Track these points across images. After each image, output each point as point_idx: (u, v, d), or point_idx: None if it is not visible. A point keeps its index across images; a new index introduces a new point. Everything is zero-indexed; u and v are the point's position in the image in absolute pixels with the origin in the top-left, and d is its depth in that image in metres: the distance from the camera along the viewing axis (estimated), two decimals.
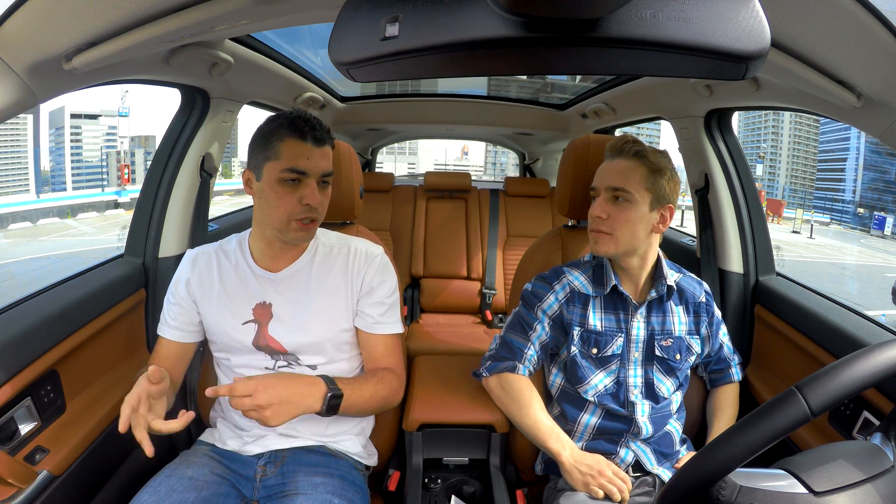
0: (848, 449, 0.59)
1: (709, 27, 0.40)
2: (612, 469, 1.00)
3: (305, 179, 0.94)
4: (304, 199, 0.94)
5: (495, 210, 2.76)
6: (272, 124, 0.95)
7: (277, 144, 0.93)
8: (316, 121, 0.96)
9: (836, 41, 0.76)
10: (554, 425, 1.05)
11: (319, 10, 0.85)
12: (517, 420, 1.08)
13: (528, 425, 1.05)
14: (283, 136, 0.93)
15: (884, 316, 2.60)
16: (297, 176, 0.93)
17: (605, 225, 1.02)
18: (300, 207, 0.94)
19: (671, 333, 1.08)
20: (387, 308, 1.07)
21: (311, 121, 0.95)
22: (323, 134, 0.96)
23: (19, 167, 55.29)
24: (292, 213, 0.94)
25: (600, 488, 0.98)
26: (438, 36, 0.42)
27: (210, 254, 1.06)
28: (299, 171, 0.93)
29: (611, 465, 1.01)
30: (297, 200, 0.94)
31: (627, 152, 1.02)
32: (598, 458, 1.02)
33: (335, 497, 0.92)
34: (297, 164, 0.93)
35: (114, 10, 0.74)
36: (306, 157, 0.93)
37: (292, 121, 0.94)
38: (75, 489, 1.01)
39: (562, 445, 1.02)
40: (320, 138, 0.95)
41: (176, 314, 1.04)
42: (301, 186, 0.94)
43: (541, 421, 1.05)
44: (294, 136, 0.93)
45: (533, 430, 1.05)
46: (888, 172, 63.24)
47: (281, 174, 0.93)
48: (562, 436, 1.04)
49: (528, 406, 1.06)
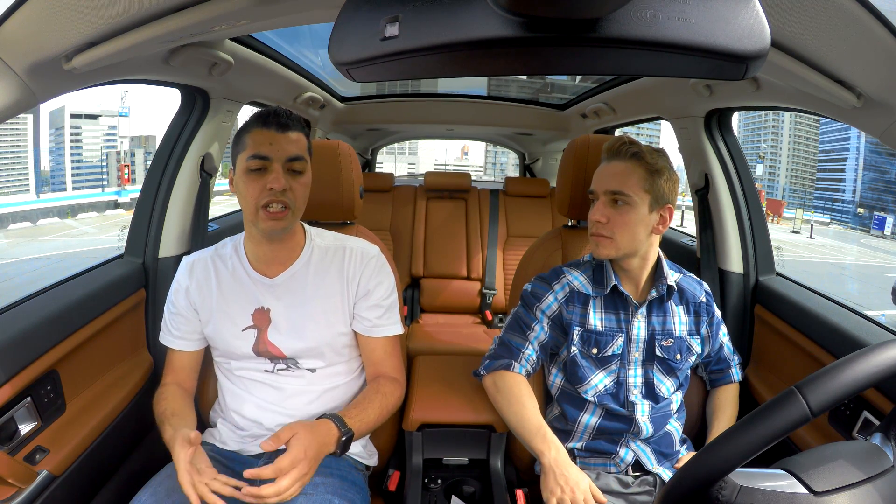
0: (848, 449, 0.59)
1: (709, 27, 0.40)
2: (590, 495, 0.92)
3: (270, 165, 0.94)
4: (269, 183, 0.93)
5: (495, 210, 2.76)
6: (245, 121, 0.99)
7: (245, 136, 0.96)
8: (282, 110, 0.98)
9: (836, 41, 0.76)
10: (542, 425, 1.01)
11: (319, 10, 0.85)
12: (505, 416, 1.06)
13: (515, 423, 1.03)
14: (250, 128, 0.96)
15: (884, 316, 2.61)
16: (262, 163, 0.94)
17: (604, 229, 1.02)
18: (266, 193, 0.94)
19: (671, 333, 1.08)
20: (384, 310, 1.07)
21: (278, 110, 0.97)
22: (288, 120, 0.97)
23: (19, 167, 55.29)
24: (259, 199, 0.94)
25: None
26: (438, 36, 0.42)
27: (206, 260, 1.06)
28: (262, 157, 0.94)
29: (591, 492, 0.93)
30: (262, 187, 0.94)
31: (624, 154, 1.02)
32: (584, 476, 0.95)
33: (335, 497, 0.92)
34: (259, 150, 0.94)
35: (114, 10, 0.74)
36: (269, 142, 0.94)
37: (259, 113, 0.97)
38: (75, 489, 1.01)
39: (547, 446, 0.97)
40: (284, 124, 0.96)
41: (179, 324, 1.05)
42: (266, 173, 0.94)
43: (527, 419, 1.02)
44: (258, 125, 0.95)
45: (519, 427, 1.02)
46: (888, 172, 63.25)
47: (247, 163, 0.94)
48: (549, 436, 0.99)
49: (516, 402, 1.04)
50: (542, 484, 0.96)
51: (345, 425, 0.93)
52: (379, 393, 1.03)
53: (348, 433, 0.93)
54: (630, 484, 1.05)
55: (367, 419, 0.98)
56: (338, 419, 0.94)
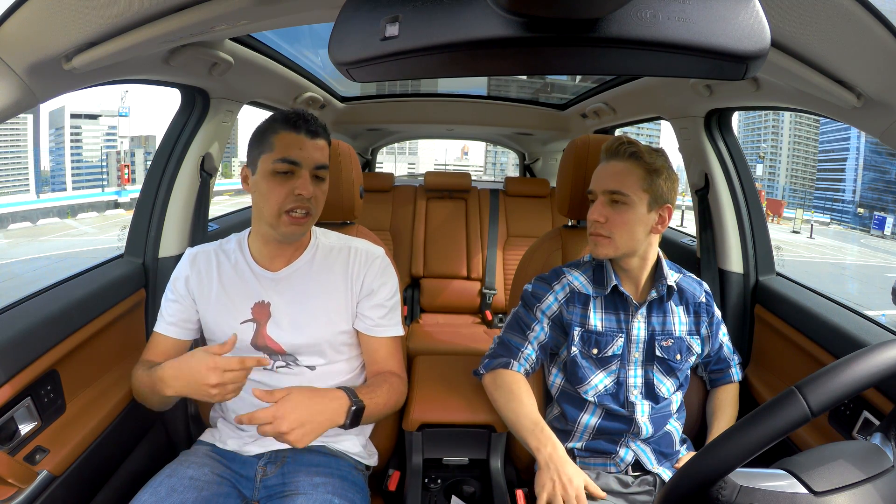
0: (848, 449, 0.59)
1: (709, 27, 0.40)
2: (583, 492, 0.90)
3: (298, 171, 0.95)
4: (297, 189, 0.94)
5: (495, 210, 2.76)
6: (268, 121, 0.98)
7: (272, 137, 0.95)
8: (311, 116, 0.98)
9: (836, 41, 0.76)
10: (539, 421, 0.99)
11: (319, 10, 0.85)
12: (503, 413, 1.05)
13: (512, 419, 1.02)
14: (277, 130, 0.95)
15: (884, 316, 2.61)
16: (290, 167, 0.94)
17: (603, 228, 1.02)
18: (292, 198, 0.94)
19: (671, 334, 1.08)
20: (387, 311, 1.07)
21: (306, 115, 0.97)
22: (317, 127, 0.97)
23: (19, 167, 55.30)
24: (283, 204, 0.94)
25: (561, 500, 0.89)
26: (438, 36, 0.42)
27: (209, 253, 1.06)
28: (292, 161, 0.94)
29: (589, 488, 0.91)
30: (289, 191, 0.94)
31: (623, 154, 1.02)
32: (579, 473, 0.92)
33: (335, 497, 0.92)
34: (289, 154, 0.94)
35: (114, 10, 0.74)
36: (299, 147, 0.94)
37: (287, 115, 0.96)
38: (75, 489, 1.01)
39: (543, 442, 0.95)
40: (314, 130, 0.96)
41: (174, 311, 1.04)
42: (294, 178, 0.95)
43: (524, 415, 1.00)
44: (287, 128, 0.95)
45: (516, 423, 1.01)
46: (888, 172, 63.25)
47: (274, 165, 0.94)
48: (546, 432, 0.97)
49: (514, 399, 1.03)
50: (535, 479, 0.94)
51: (356, 395, 0.92)
52: (386, 382, 1.02)
53: (359, 403, 0.91)
54: (630, 484, 1.05)
55: (377, 401, 0.97)
56: (349, 389, 0.93)
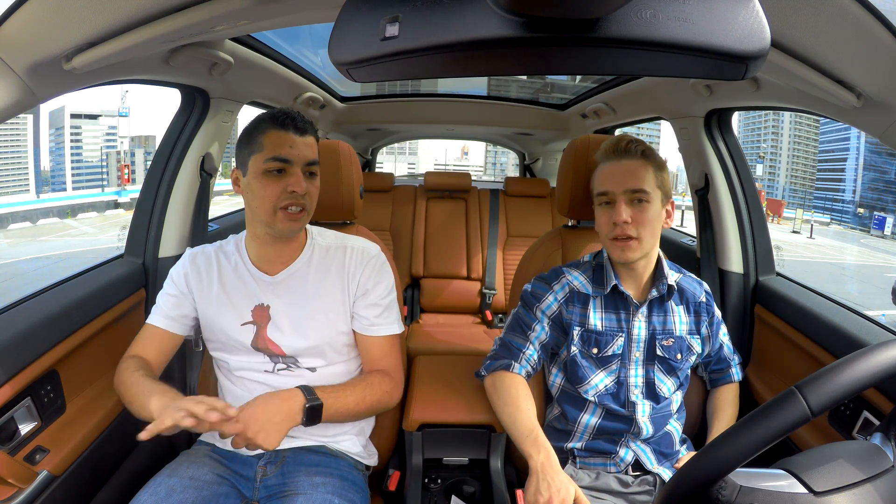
0: (848, 449, 0.59)
1: (709, 27, 0.40)
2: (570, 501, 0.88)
3: (290, 168, 0.95)
4: (290, 186, 0.94)
5: (495, 210, 2.76)
6: (255, 121, 0.98)
7: (260, 137, 0.96)
8: (297, 113, 0.98)
9: (836, 41, 0.76)
10: (535, 427, 0.97)
11: (319, 10, 0.85)
12: (500, 417, 1.04)
13: (509, 424, 1.01)
14: (266, 129, 0.96)
15: (884, 316, 2.61)
16: (282, 165, 0.94)
17: (630, 229, 1.00)
18: (286, 195, 0.95)
19: (672, 333, 1.08)
20: (383, 309, 1.07)
21: (292, 113, 0.97)
22: (305, 124, 0.98)
23: (19, 167, 55.29)
24: (277, 202, 0.95)
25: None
26: (438, 36, 0.42)
27: (210, 254, 1.06)
28: (283, 159, 0.94)
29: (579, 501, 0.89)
30: (283, 189, 0.94)
31: (634, 152, 1.02)
32: (570, 485, 0.89)
33: (335, 497, 0.92)
34: (280, 153, 0.94)
35: (114, 10, 0.74)
36: (289, 145, 0.95)
37: (273, 114, 0.97)
38: (75, 489, 1.01)
39: (536, 450, 0.93)
40: (302, 128, 0.97)
41: (171, 304, 1.04)
42: (286, 175, 0.95)
43: (520, 421, 0.99)
44: (275, 126, 0.95)
45: (512, 428, 1.00)
46: (888, 172, 63.25)
47: (265, 164, 0.94)
48: (540, 440, 0.95)
49: (511, 404, 1.02)
50: (525, 486, 0.92)
51: (312, 393, 0.92)
52: (364, 381, 1.02)
53: (315, 401, 0.91)
54: (630, 484, 1.05)
55: (346, 400, 0.96)
56: (306, 388, 0.93)
